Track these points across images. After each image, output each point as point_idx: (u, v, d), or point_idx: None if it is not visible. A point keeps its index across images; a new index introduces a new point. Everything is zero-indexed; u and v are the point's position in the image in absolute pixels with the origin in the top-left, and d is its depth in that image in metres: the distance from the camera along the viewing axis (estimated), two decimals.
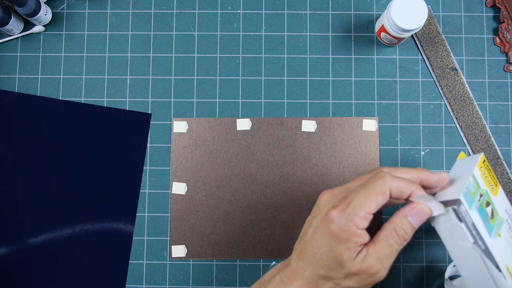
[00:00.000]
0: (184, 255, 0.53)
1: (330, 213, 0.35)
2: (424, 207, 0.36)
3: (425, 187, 0.38)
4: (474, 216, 0.38)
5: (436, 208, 0.36)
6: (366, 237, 0.35)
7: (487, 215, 0.40)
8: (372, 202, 0.34)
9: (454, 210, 0.37)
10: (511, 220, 0.42)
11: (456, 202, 0.37)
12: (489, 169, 0.42)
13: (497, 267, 0.37)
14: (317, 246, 0.35)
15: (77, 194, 0.53)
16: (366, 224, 0.35)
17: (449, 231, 0.38)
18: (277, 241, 0.53)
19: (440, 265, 0.52)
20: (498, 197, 0.42)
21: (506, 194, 0.48)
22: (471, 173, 0.39)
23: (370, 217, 0.35)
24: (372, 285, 0.36)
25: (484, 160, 0.42)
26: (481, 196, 0.40)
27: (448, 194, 0.39)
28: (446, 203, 0.38)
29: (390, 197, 0.35)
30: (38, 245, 0.53)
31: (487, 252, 0.37)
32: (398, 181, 0.35)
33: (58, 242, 0.53)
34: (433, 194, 0.39)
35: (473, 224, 0.37)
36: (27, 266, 0.52)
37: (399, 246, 0.36)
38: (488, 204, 0.40)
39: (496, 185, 0.42)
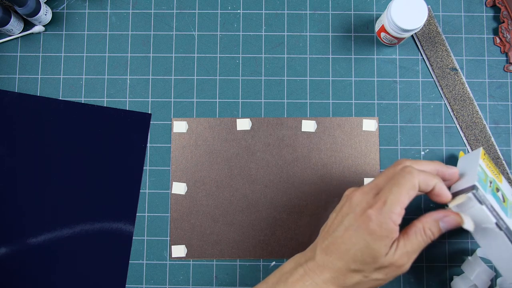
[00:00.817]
0: (184, 255, 0.53)
1: (368, 212, 0.37)
2: (458, 219, 0.39)
3: None
4: (491, 199, 0.40)
5: (467, 223, 0.39)
6: (398, 231, 0.38)
7: (500, 199, 0.43)
8: (405, 198, 0.36)
9: (474, 195, 0.39)
10: None
11: (473, 188, 0.40)
12: (490, 161, 0.46)
13: None
14: (351, 242, 0.37)
15: (77, 194, 0.53)
16: (400, 220, 0.37)
17: (472, 216, 0.41)
18: (277, 241, 0.53)
19: (440, 265, 0.52)
20: (504, 184, 0.45)
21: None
22: (478, 163, 0.41)
23: (404, 212, 0.37)
24: (396, 277, 0.38)
25: (484, 153, 0.45)
26: (490, 183, 0.43)
27: (463, 184, 0.42)
28: (462, 191, 0.40)
29: (418, 190, 0.38)
30: (38, 245, 0.53)
31: (508, 230, 0.40)
32: (423, 175, 0.38)
33: (58, 242, 0.53)
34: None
35: (492, 206, 0.40)
36: (27, 266, 0.52)
37: (425, 244, 0.38)
38: (497, 190, 0.43)
39: (499, 174, 0.46)
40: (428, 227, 0.38)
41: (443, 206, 0.42)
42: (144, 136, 0.54)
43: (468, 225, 0.39)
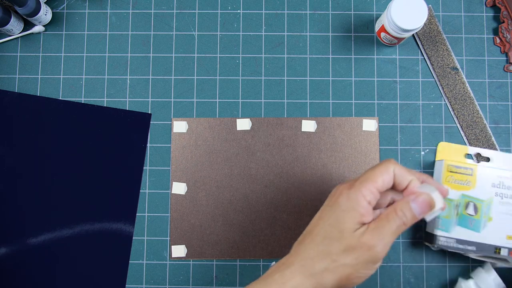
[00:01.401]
0: (184, 255, 0.53)
1: (339, 188, 0.38)
2: (428, 198, 0.37)
3: None
4: (457, 232, 0.48)
5: (438, 201, 0.38)
6: (370, 215, 0.37)
7: (470, 217, 0.48)
8: (379, 178, 0.37)
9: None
10: (504, 187, 0.48)
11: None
12: (456, 170, 0.49)
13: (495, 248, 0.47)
14: (322, 222, 0.38)
15: (77, 194, 0.53)
16: (372, 198, 0.37)
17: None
18: (277, 241, 0.53)
19: (440, 265, 0.52)
20: (478, 183, 0.49)
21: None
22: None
23: (377, 194, 0.37)
24: (369, 265, 0.36)
25: (448, 165, 0.49)
26: (457, 207, 0.48)
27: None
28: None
29: (394, 181, 0.38)
30: (38, 245, 0.53)
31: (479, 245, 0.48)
32: (401, 167, 0.38)
33: (58, 242, 0.53)
34: None
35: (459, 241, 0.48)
36: (27, 266, 0.52)
37: (397, 228, 0.36)
38: (468, 204, 0.48)
39: (471, 176, 0.49)
40: (400, 208, 0.37)
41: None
42: (144, 136, 0.54)
43: (439, 204, 0.38)
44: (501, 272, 0.51)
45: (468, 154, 0.53)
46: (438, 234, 0.48)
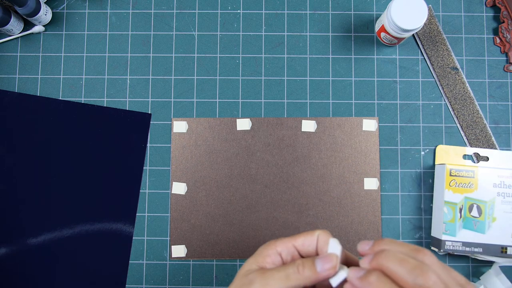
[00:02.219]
0: (184, 255, 0.52)
1: (249, 275, 0.32)
2: (334, 256, 0.31)
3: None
4: (463, 235, 0.48)
5: (341, 273, 0.31)
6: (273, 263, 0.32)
7: (474, 219, 0.49)
8: (300, 238, 0.32)
9: None
10: (505, 186, 0.49)
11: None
12: (457, 174, 0.49)
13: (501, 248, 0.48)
14: None
15: (77, 194, 0.53)
16: (284, 249, 0.32)
17: None
18: None
19: None
20: (480, 185, 0.49)
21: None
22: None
23: (293, 249, 0.32)
24: None
25: (449, 169, 0.49)
26: (461, 210, 0.49)
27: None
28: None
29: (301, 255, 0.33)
30: (38, 245, 0.53)
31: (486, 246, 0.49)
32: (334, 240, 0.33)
33: (58, 242, 0.53)
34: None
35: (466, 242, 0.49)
36: (27, 266, 0.52)
37: (292, 281, 0.31)
38: (471, 206, 0.49)
39: (473, 178, 0.49)
40: (302, 261, 0.31)
41: None
42: (144, 136, 0.54)
43: (341, 276, 0.31)
44: (506, 271, 0.51)
45: (466, 155, 0.53)
46: (444, 239, 0.49)
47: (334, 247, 0.32)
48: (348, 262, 0.33)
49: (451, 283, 0.29)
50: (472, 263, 0.52)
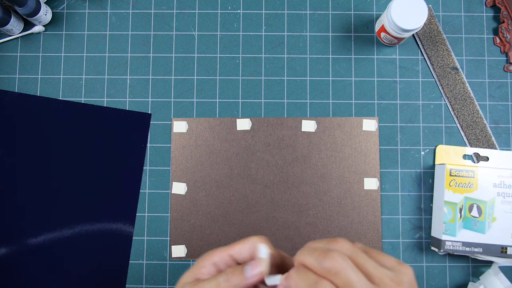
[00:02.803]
0: (184, 255, 0.52)
1: None
2: (262, 261, 0.32)
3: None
4: (463, 235, 0.48)
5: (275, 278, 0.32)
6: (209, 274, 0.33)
7: (474, 219, 0.49)
8: (236, 246, 0.33)
9: None
10: (505, 186, 0.49)
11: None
12: (458, 174, 0.49)
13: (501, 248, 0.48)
14: None
15: (77, 194, 0.53)
16: (220, 260, 0.33)
17: None
18: (277, 241, 0.53)
19: (440, 265, 0.52)
20: (480, 185, 0.49)
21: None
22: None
23: (228, 258, 0.33)
24: None
25: (449, 169, 0.49)
26: (461, 210, 0.49)
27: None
28: None
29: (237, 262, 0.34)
30: (38, 245, 0.53)
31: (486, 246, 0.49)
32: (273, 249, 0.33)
33: (58, 242, 0.53)
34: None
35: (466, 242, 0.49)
36: (27, 266, 0.52)
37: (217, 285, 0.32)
38: (471, 206, 0.49)
39: (473, 178, 0.49)
40: (233, 269, 0.32)
41: None
42: (144, 136, 0.54)
43: (270, 277, 0.32)
44: (506, 272, 0.51)
45: (466, 155, 0.53)
46: (444, 239, 0.49)
47: (263, 252, 0.33)
48: (285, 263, 0.34)
49: (370, 266, 0.30)
50: (472, 263, 0.52)
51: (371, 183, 0.53)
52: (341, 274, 0.29)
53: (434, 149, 0.54)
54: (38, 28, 0.55)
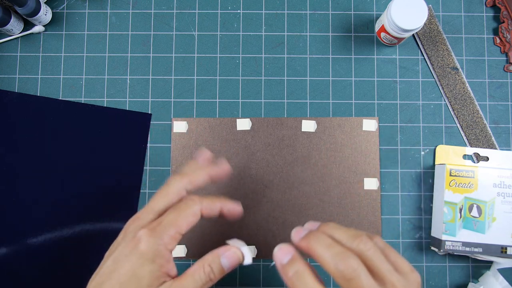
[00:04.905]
0: (184, 255, 0.53)
1: (138, 234, 0.33)
2: (237, 251, 0.36)
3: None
4: (463, 235, 0.48)
5: (247, 256, 0.37)
6: (173, 269, 0.34)
7: (474, 219, 0.49)
8: (183, 223, 0.34)
9: None
10: (505, 186, 0.49)
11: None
12: (458, 174, 0.49)
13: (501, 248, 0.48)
14: (117, 275, 0.32)
15: (77, 194, 0.53)
16: (174, 245, 0.34)
17: None
18: (277, 241, 0.53)
19: (439, 265, 0.52)
20: (480, 185, 0.49)
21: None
22: None
23: (180, 237, 0.34)
24: None
25: (449, 169, 0.49)
26: (461, 210, 0.49)
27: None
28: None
29: (202, 216, 0.36)
30: (38, 245, 0.53)
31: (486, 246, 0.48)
32: (206, 201, 0.36)
33: (58, 242, 0.53)
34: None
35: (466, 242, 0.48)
36: (27, 266, 0.52)
37: (203, 284, 0.34)
38: (471, 206, 0.49)
39: (473, 178, 0.49)
40: (208, 264, 0.34)
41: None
42: (144, 136, 0.54)
43: (248, 261, 0.36)
44: (505, 272, 0.51)
45: (466, 155, 0.53)
46: (444, 239, 0.49)
47: (247, 259, 0.36)
48: (215, 205, 0.38)
49: (385, 269, 0.30)
50: (472, 263, 0.52)
51: (371, 183, 0.53)
52: (355, 280, 0.29)
53: (434, 149, 0.54)
54: (38, 28, 0.55)
